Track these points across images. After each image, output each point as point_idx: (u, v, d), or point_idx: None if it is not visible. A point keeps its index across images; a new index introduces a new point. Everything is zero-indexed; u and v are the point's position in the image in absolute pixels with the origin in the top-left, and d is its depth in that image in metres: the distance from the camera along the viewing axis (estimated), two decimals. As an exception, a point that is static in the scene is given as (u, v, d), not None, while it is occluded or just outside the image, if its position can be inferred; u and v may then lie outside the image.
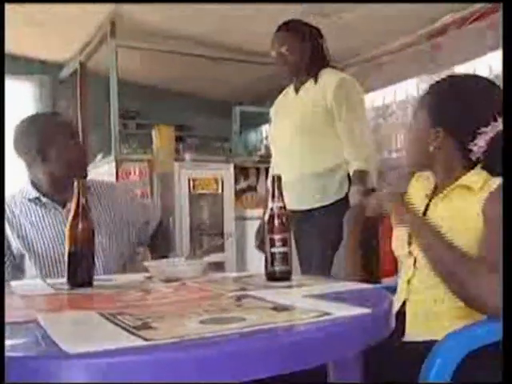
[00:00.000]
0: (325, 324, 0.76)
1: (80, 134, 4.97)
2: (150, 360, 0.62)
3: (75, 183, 1.27)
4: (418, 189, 1.44)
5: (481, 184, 1.25)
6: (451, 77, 1.48)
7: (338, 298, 0.96)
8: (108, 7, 3.98)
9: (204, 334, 0.68)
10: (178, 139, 5.04)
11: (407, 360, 1.10)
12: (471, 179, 1.28)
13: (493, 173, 1.27)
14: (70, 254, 1.25)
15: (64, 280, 1.25)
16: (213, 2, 3.67)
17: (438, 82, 1.41)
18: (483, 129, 1.26)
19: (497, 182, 1.24)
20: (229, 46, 4.62)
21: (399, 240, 1.41)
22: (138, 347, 0.64)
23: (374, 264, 1.67)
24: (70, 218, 1.26)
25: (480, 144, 1.27)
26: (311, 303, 0.90)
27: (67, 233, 1.26)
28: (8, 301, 1.01)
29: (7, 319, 0.79)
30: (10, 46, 4.19)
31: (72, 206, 1.28)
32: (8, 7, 1.50)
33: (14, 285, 1.32)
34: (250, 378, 0.66)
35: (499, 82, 1.33)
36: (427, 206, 1.37)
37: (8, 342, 0.67)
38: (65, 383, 0.60)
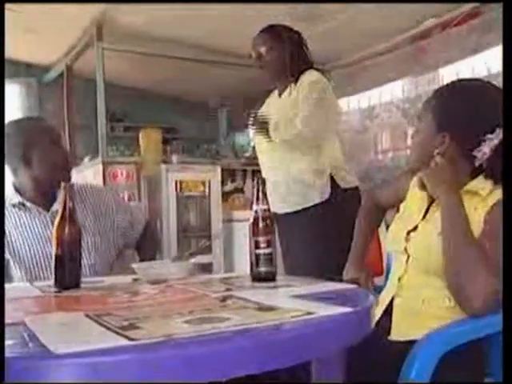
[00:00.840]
0: (308, 322, 0.78)
1: (67, 136, 4.96)
2: (136, 359, 0.63)
3: (62, 186, 1.28)
4: (420, 189, 1.42)
5: (488, 190, 1.25)
6: (457, 81, 1.48)
7: (321, 297, 0.98)
8: (94, 10, 3.97)
9: (190, 334, 0.69)
10: (165, 141, 5.05)
11: (390, 359, 1.12)
12: (478, 186, 1.27)
13: (496, 181, 1.26)
14: (57, 257, 1.26)
15: (51, 283, 1.26)
16: (207, 3, 3.66)
17: (443, 87, 1.41)
18: (489, 135, 1.25)
19: None
20: (216, 48, 4.62)
21: (396, 235, 1.40)
22: (125, 347, 0.65)
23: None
24: (57, 221, 1.27)
25: (484, 150, 1.26)
26: (295, 303, 0.92)
27: (54, 236, 1.26)
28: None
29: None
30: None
31: (59, 209, 1.29)
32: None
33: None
34: (237, 376, 0.68)
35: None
36: (428, 206, 1.37)
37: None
38: (52, 383, 0.61)
